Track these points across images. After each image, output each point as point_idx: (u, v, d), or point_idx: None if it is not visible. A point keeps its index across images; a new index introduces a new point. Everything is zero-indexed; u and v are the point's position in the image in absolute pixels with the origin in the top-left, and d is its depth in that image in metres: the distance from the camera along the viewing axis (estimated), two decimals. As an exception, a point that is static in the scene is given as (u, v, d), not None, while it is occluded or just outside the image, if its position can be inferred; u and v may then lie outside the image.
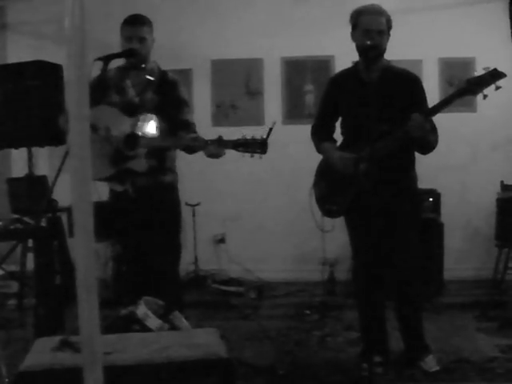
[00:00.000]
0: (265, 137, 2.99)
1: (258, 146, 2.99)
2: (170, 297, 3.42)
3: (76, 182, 1.25)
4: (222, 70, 5.72)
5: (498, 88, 2.96)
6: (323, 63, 5.66)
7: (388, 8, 3.43)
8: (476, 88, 2.99)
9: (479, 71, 3.00)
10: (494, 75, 2.96)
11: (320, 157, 3.56)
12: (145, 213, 3.49)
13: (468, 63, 5.47)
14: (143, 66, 3.51)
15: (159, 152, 3.41)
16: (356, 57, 3.36)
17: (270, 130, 2.97)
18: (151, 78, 3.52)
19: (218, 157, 3.15)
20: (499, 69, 2.98)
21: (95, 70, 2.90)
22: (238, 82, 5.75)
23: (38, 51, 5.25)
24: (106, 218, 3.56)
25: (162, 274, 3.54)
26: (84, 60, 1.25)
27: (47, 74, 4.44)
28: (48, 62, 4.47)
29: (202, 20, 5.65)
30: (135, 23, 3.44)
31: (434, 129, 3.23)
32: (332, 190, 3.46)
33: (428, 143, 3.24)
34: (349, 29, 3.30)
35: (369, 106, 3.27)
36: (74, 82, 1.24)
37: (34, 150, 4.57)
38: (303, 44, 5.62)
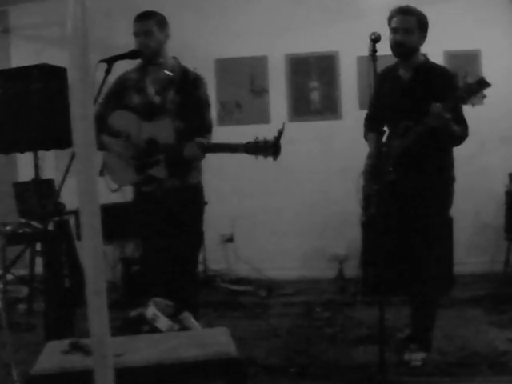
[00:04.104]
0: (274, 139, 2.87)
1: (270, 149, 2.88)
2: (186, 292, 3.50)
3: (83, 185, 1.25)
4: (226, 68, 5.71)
5: (484, 97, 3.06)
6: (328, 59, 5.64)
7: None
8: (465, 96, 3.09)
9: (467, 78, 3.11)
10: (482, 84, 3.06)
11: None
12: (170, 213, 3.50)
13: (473, 55, 5.45)
14: (161, 60, 3.45)
15: (178, 157, 3.26)
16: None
17: (280, 132, 2.85)
18: (170, 74, 3.46)
19: None
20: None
21: (99, 72, 2.88)
22: (242, 81, 5.73)
23: (41, 55, 5.25)
24: (132, 218, 3.69)
25: (181, 272, 3.56)
26: (87, 62, 1.24)
27: (51, 78, 4.43)
28: (51, 66, 4.46)
29: (205, 19, 5.64)
30: (140, 18, 3.42)
31: (460, 121, 3.29)
32: (372, 175, 3.60)
33: (451, 134, 3.27)
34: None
35: (401, 101, 3.39)
36: (78, 84, 1.23)
37: (40, 153, 4.56)
38: (307, 40, 5.60)
